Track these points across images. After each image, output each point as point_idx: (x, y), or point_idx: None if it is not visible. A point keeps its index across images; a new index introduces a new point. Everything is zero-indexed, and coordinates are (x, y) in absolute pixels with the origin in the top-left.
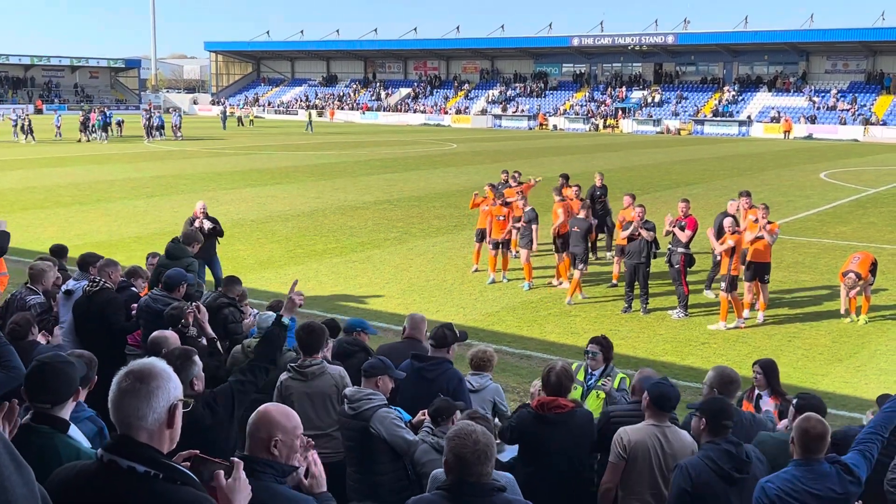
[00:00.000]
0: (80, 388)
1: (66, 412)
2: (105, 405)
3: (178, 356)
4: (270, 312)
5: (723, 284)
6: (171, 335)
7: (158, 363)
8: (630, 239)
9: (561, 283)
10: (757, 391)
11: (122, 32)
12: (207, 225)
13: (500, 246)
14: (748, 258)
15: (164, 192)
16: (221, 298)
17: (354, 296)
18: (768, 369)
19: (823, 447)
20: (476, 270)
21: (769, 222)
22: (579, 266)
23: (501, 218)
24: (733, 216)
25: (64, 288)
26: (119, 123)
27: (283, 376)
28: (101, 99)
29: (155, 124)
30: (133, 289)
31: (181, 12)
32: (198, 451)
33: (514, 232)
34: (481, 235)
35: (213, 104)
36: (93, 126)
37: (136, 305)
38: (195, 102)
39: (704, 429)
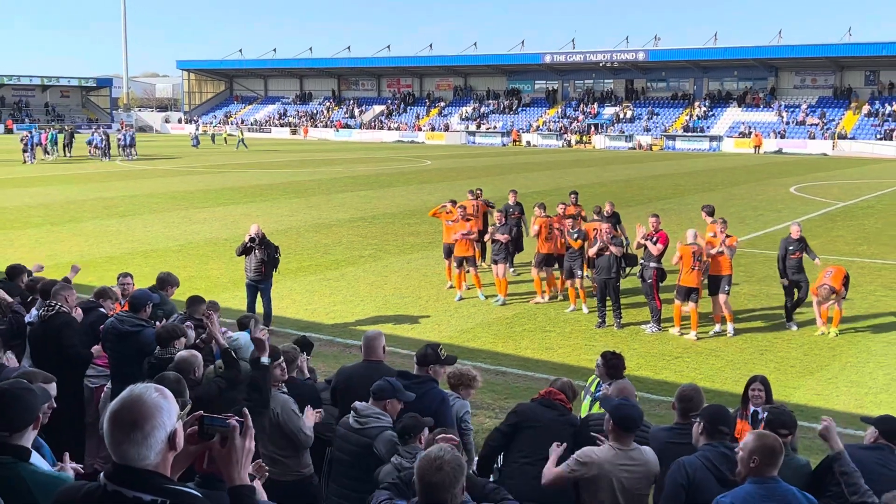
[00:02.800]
0: (41, 416)
1: (26, 440)
2: (53, 427)
3: (171, 381)
4: (238, 333)
5: (676, 293)
6: (198, 355)
7: (147, 397)
8: (598, 254)
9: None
10: (753, 408)
11: (93, 51)
12: (258, 254)
13: (465, 262)
14: (709, 272)
15: (137, 212)
16: (188, 320)
17: (329, 314)
18: (768, 385)
19: (779, 463)
20: (451, 287)
21: (728, 236)
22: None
23: (466, 233)
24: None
25: (28, 319)
26: (90, 143)
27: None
28: (72, 118)
29: (126, 142)
30: (101, 310)
31: (153, 31)
32: (202, 412)
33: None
34: (449, 251)
35: (187, 122)
36: (44, 146)
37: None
38: (167, 121)
39: (702, 433)
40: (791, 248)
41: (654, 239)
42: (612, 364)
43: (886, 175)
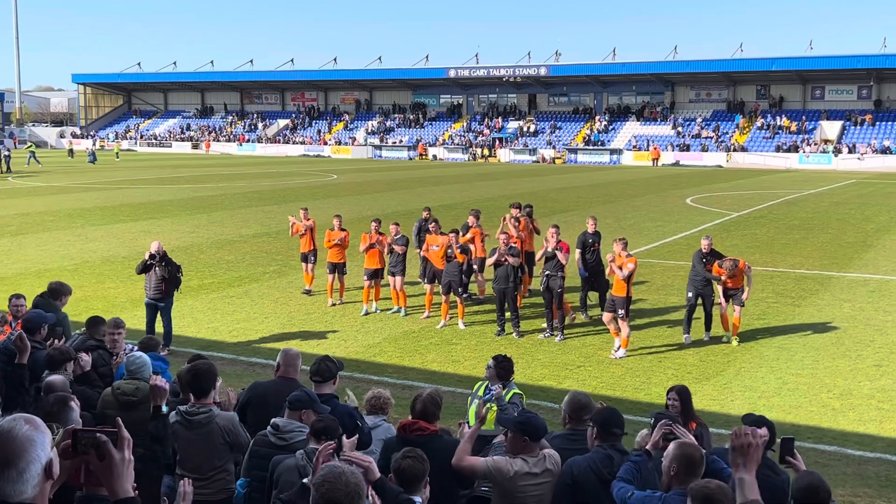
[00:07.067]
0: None
1: None
2: None
3: (54, 403)
4: (138, 353)
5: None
6: (57, 380)
7: (18, 432)
8: (496, 265)
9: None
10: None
11: None
12: (158, 271)
13: (376, 276)
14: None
15: (30, 230)
16: (89, 341)
17: (232, 332)
18: (685, 395)
19: (702, 472)
20: (333, 304)
21: (628, 255)
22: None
23: (375, 246)
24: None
25: None
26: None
27: (172, 417)
28: None
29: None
30: None
31: (47, 43)
32: (74, 426)
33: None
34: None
35: (83, 138)
36: None
37: None
38: (62, 136)
39: (596, 437)
40: (705, 261)
41: (559, 249)
42: (503, 367)
43: (777, 186)
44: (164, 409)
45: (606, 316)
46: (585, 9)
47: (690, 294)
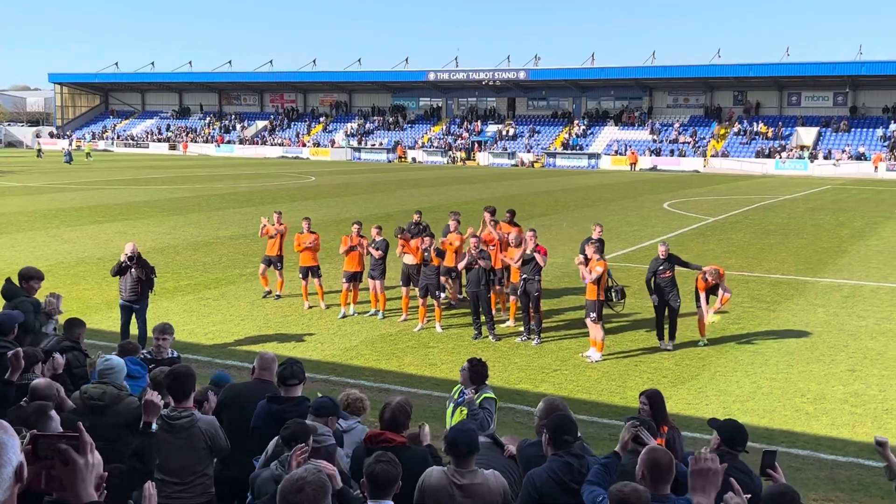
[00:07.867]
0: None
1: None
2: None
3: (33, 412)
4: (110, 357)
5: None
6: (41, 383)
7: None
8: (468, 268)
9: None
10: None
11: None
12: (134, 273)
13: (354, 279)
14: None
15: (4, 230)
16: (64, 342)
17: (208, 334)
18: (655, 399)
19: (671, 478)
20: (310, 307)
21: (600, 259)
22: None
23: (356, 249)
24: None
25: None
26: None
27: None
28: None
29: None
30: None
31: (23, 42)
32: (36, 431)
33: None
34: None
35: (59, 137)
36: None
37: None
38: (38, 136)
39: (549, 443)
40: (661, 267)
41: (537, 252)
42: (477, 371)
43: (754, 191)
44: (154, 427)
45: (588, 320)
46: (565, 13)
47: (656, 300)
